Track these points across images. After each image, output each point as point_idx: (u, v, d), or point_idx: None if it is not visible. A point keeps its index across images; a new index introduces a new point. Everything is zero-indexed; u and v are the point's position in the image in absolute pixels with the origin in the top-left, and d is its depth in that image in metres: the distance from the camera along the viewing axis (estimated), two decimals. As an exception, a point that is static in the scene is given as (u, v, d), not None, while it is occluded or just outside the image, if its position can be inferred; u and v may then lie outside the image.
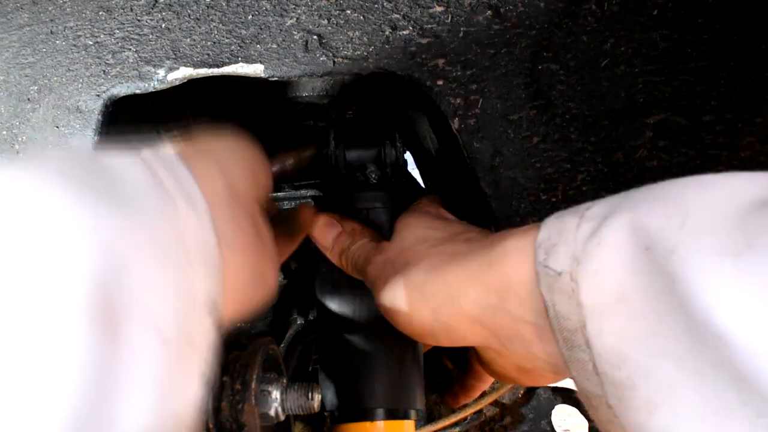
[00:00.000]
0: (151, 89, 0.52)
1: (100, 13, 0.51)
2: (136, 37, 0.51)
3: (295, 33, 0.50)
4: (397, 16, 0.48)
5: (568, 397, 0.70)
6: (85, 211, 0.24)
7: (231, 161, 0.38)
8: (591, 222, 0.30)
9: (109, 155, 0.29)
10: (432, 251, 0.41)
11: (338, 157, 0.54)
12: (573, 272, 0.30)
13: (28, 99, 0.54)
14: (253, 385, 0.35)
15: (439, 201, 0.51)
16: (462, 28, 0.48)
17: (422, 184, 0.75)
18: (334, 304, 0.52)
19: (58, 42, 0.53)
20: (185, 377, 0.27)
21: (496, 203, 0.51)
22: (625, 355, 0.27)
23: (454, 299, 0.37)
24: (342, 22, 0.49)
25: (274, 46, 0.50)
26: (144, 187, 0.28)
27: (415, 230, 0.45)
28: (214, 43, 0.50)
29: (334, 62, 0.50)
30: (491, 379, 0.52)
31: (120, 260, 0.24)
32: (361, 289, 0.52)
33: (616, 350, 0.28)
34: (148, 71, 0.51)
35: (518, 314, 0.34)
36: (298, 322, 0.68)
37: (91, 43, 0.52)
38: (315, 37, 0.50)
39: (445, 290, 0.37)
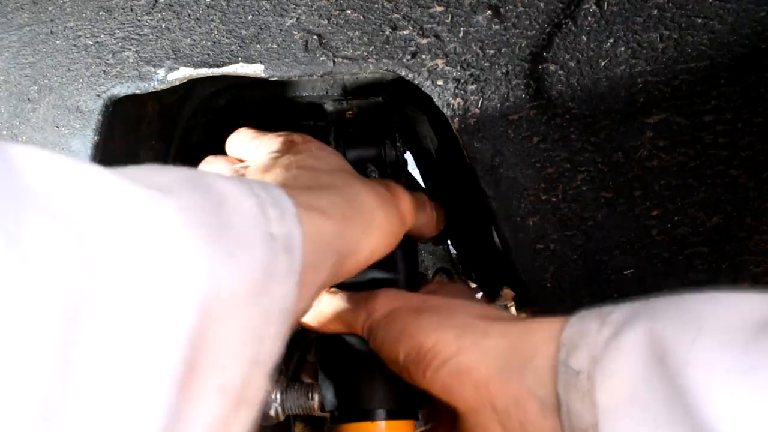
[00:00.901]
0: (151, 89, 0.52)
1: (100, 13, 0.51)
2: (137, 37, 0.51)
3: (295, 33, 0.50)
4: (397, 16, 0.48)
5: None
6: (203, 258, 0.24)
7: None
8: (611, 326, 0.33)
9: (224, 183, 0.29)
10: (477, 305, 0.43)
11: None
12: (590, 373, 0.32)
13: (28, 99, 0.54)
14: (254, 385, 0.35)
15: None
16: (462, 28, 0.48)
17: (422, 184, 0.75)
18: None
19: (58, 42, 0.53)
20: (236, 427, 0.27)
21: (496, 203, 0.51)
22: None
23: (485, 346, 0.38)
24: (342, 22, 0.49)
25: (274, 46, 0.50)
26: (253, 230, 0.28)
27: (457, 293, 0.48)
28: (214, 43, 0.50)
29: (334, 62, 0.50)
30: None
31: (215, 314, 0.24)
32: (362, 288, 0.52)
33: None
34: (148, 71, 0.51)
35: (533, 389, 0.35)
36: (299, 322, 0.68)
37: (91, 43, 0.52)
38: (315, 37, 0.50)
39: (480, 335, 0.38)
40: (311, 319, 0.48)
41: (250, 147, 0.49)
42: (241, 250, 0.26)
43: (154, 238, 0.23)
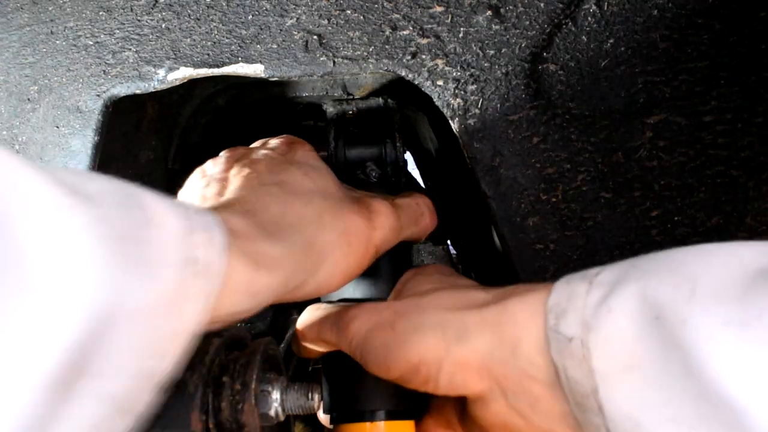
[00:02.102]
0: (151, 89, 0.52)
1: (100, 13, 0.51)
2: (137, 37, 0.51)
3: (295, 33, 0.50)
4: (397, 16, 0.48)
5: None
6: (104, 269, 0.24)
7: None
8: (600, 288, 0.32)
9: (158, 203, 0.29)
10: (446, 294, 0.41)
11: (338, 156, 0.54)
12: (584, 338, 0.31)
13: (29, 99, 0.54)
14: (253, 385, 0.35)
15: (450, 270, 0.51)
16: (462, 29, 0.48)
17: (422, 184, 0.75)
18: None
19: (58, 42, 0.53)
20: None
21: (496, 203, 0.51)
22: (638, 421, 0.28)
23: (470, 341, 0.37)
24: (342, 22, 0.49)
25: (274, 46, 0.50)
26: (174, 251, 0.28)
27: (425, 283, 0.46)
28: (215, 43, 0.50)
29: (334, 62, 0.50)
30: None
31: (110, 326, 0.25)
32: (368, 289, 0.52)
33: (628, 416, 0.29)
34: (149, 71, 0.51)
35: (529, 371, 0.35)
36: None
37: (91, 43, 0.52)
38: (315, 37, 0.50)
39: (461, 329, 0.38)
40: (298, 345, 0.49)
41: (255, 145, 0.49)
42: (156, 268, 0.27)
43: (58, 244, 0.24)
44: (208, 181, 0.45)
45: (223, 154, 0.48)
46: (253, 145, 0.50)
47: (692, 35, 0.47)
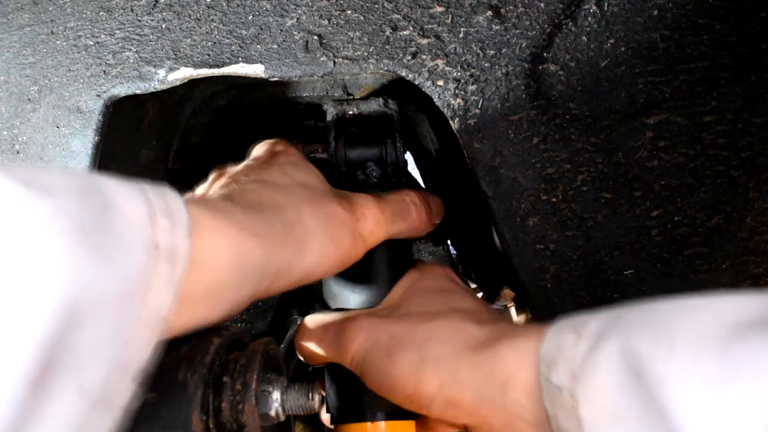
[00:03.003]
0: (151, 89, 0.52)
1: (101, 13, 0.51)
2: (137, 37, 0.51)
3: (296, 33, 0.50)
4: (398, 16, 0.49)
5: None
6: (68, 260, 0.25)
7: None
8: (587, 340, 0.33)
9: (117, 189, 0.29)
10: (445, 327, 0.43)
11: (338, 156, 0.55)
12: (572, 389, 0.33)
13: (29, 99, 0.54)
14: (254, 385, 0.35)
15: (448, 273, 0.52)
16: (462, 29, 0.48)
17: (422, 184, 0.75)
18: (339, 304, 0.52)
19: (58, 42, 0.53)
20: (92, 428, 0.27)
21: (496, 203, 0.51)
22: None
23: (462, 382, 0.39)
24: (342, 22, 0.49)
25: (275, 46, 0.50)
26: (135, 237, 0.28)
27: (426, 304, 0.47)
28: (215, 43, 0.50)
29: (334, 62, 0.50)
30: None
31: (79, 315, 0.25)
32: (366, 291, 0.52)
33: None
34: (149, 71, 0.51)
35: (517, 413, 0.37)
36: (299, 323, 0.68)
37: (91, 43, 0.52)
38: (315, 37, 0.50)
39: (455, 369, 0.40)
40: (301, 354, 0.50)
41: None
42: (117, 256, 0.27)
43: (18, 237, 0.24)
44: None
45: (210, 175, 0.48)
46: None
47: (692, 35, 0.47)
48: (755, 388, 0.25)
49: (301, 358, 0.51)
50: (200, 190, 0.46)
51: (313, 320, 0.49)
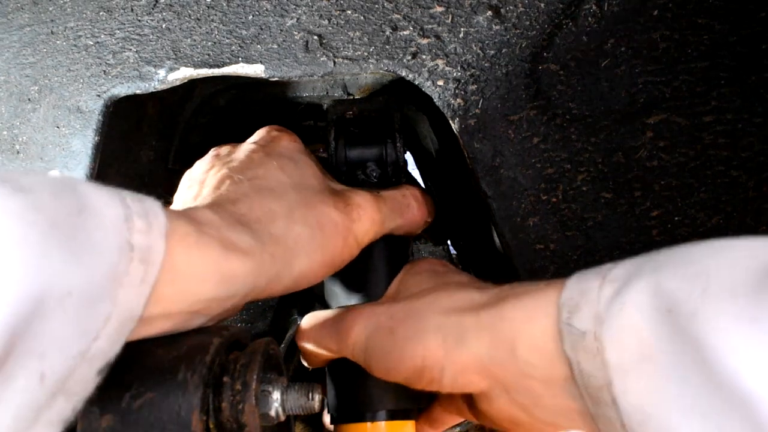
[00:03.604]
0: (151, 89, 0.52)
1: (101, 13, 0.51)
2: (137, 37, 0.51)
3: (296, 33, 0.50)
4: (398, 16, 0.49)
5: None
6: (35, 254, 0.25)
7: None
8: (613, 284, 0.32)
9: (94, 192, 0.30)
10: (442, 296, 0.42)
11: (338, 156, 0.55)
12: (597, 332, 0.31)
13: (29, 99, 0.54)
14: (254, 385, 0.35)
15: (444, 263, 0.52)
16: (462, 29, 0.48)
17: (422, 185, 0.75)
18: (339, 304, 0.52)
19: (58, 42, 0.53)
20: (49, 419, 0.28)
21: (496, 203, 0.51)
22: (651, 413, 0.29)
23: (468, 345, 0.38)
24: (342, 22, 0.49)
25: (275, 46, 0.50)
26: (109, 237, 0.29)
27: (420, 283, 0.46)
28: (215, 43, 0.50)
29: (334, 62, 0.50)
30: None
31: (43, 308, 0.25)
32: (366, 289, 0.52)
33: (642, 409, 0.29)
34: (149, 71, 0.51)
35: (526, 371, 0.36)
36: (298, 322, 0.68)
37: (91, 43, 0.52)
38: (315, 37, 0.50)
39: (459, 333, 0.39)
40: (304, 356, 0.49)
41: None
42: (88, 252, 0.28)
43: None
44: (191, 183, 0.45)
45: (209, 153, 0.48)
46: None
47: (692, 35, 0.47)
48: None
49: (305, 363, 0.50)
50: (197, 169, 0.46)
51: (310, 318, 0.49)
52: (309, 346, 0.48)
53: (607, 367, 0.30)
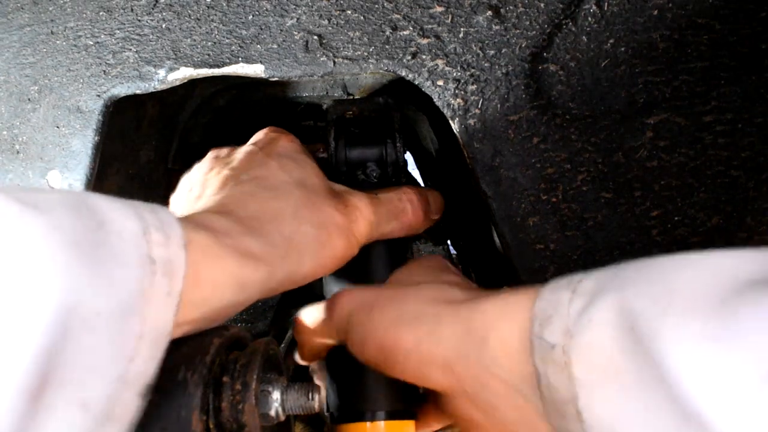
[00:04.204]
0: (151, 89, 0.52)
1: (101, 13, 0.51)
2: (137, 37, 0.51)
3: (296, 33, 0.50)
4: (398, 16, 0.49)
5: None
6: (64, 274, 0.25)
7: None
8: (582, 298, 0.32)
9: (109, 205, 0.30)
10: (430, 288, 0.42)
11: (338, 157, 0.55)
12: (565, 346, 0.31)
13: (29, 99, 0.54)
14: (254, 385, 0.35)
15: (441, 259, 0.52)
16: (462, 29, 0.48)
17: (422, 185, 0.75)
18: None
19: (58, 42, 0.53)
20: None
21: (496, 203, 0.51)
22: (616, 430, 0.29)
23: (439, 335, 0.38)
24: (342, 22, 0.49)
25: (275, 46, 0.50)
26: (130, 252, 0.29)
27: (415, 274, 0.47)
28: (215, 43, 0.50)
29: (334, 62, 0.50)
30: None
31: (75, 329, 0.25)
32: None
33: (607, 424, 0.29)
34: (149, 71, 0.51)
35: (493, 370, 0.36)
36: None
37: (91, 43, 0.52)
38: (315, 37, 0.50)
39: (434, 324, 0.39)
40: (300, 349, 0.49)
41: None
42: (112, 269, 0.27)
43: (14, 252, 0.24)
44: (191, 185, 0.45)
45: (208, 155, 0.48)
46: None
47: (692, 35, 0.47)
48: (752, 343, 0.25)
49: (298, 359, 0.50)
50: (197, 171, 0.46)
51: (307, 309, 0.49)
52: (304, 335, 0.48)
53: (574, 381, 0.31)
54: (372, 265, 0.52)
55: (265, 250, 0.38)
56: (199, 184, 0.45)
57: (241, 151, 0.47)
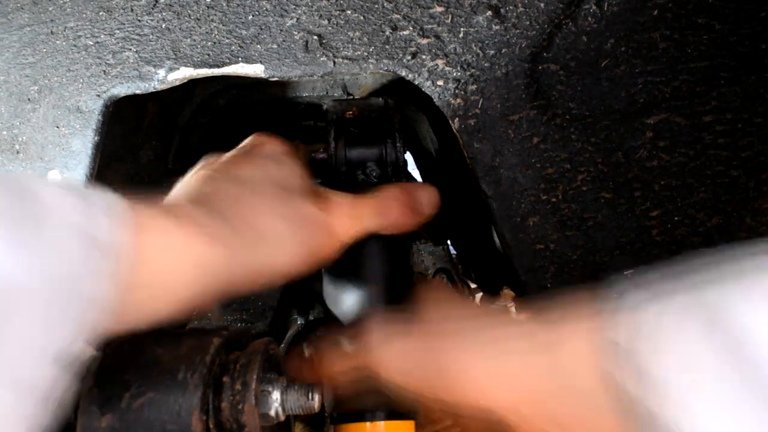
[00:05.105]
0: (151, 89, 0.52)
1: (101, 13, 0.51)
2: (137, 37, 0.51)
3: (296, 33, 0.50)
4: (398, 16, 0.49)
5: None
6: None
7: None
8: (657, 301, 0.31)
9: (52, 190, 0.30)
10: (470, 331, 0.42)
11: (338, 156, 0.54)
12: (640, 348, 0.31)
13: (29, 99, 0.54)
14: (254, 385, 0.35)
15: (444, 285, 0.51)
16: (462, 29, 0.48)
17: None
18: (340, 304, 0.52)
19: (58, 42, 0.53)
20: (27, 422, 0.27)
21: (496, 203, 0.51)
22: None
23: (505, 354, 0.38)
24: (342, 22, 0.49)
25: (275, 46, 0.50)
26: (70, 232, 0.29)
27: (440, 310, 0.46)
28: (215, 43, 0.50)
29: (334, 62, 0.50)
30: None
31: (8, 305, 0.25)
32: (360, 289, 0.51)
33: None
34: (149, 71, 0.51)
35: (568, 383, 0.35)
36: (299, 322, 0.68)
37: (91, 43, 0.52)
38: (315, 37, 0.50)
39: (495, 344, 0.39)
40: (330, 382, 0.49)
41: None
42: (49, 247, 0.28)
43: None
44: (177, 186, 0.46)
45: (199, 162, 0.48)
46: None
47: (692, 35, 0.47)
48: None
49: (332, 400, 0.49)
50: (187, 176, 0.47)
51: (322, 348, 0.49)
52: (326, 371, 0.47)
53: (654, 384, 0.30)
54: (372, 264, 0.51)
55: (224, 231, 0.38)
56: (181, 184, 0.45)
57: (226, 155, 0.48)
